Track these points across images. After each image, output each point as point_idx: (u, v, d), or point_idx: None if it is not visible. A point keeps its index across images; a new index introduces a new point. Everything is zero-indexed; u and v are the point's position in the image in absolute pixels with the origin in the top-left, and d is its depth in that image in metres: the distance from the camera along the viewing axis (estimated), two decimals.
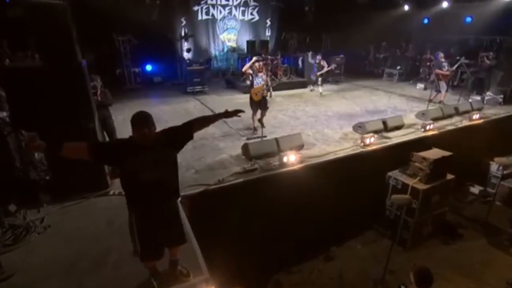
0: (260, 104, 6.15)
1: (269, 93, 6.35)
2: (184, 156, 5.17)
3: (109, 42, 10.23)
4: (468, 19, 11.93)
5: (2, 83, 3.74)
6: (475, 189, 7.17)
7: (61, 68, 3.48)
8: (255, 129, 6.31)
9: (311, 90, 10.43)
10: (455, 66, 9.06)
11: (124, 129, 5.21)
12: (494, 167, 6.83)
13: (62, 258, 2.97)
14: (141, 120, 2.31)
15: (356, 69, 13.57)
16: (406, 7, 12.68)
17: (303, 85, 11.12)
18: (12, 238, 3.24)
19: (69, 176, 3.76)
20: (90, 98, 3.83)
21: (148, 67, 11.34)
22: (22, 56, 7.50)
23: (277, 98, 9.48)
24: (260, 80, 6.04)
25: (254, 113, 6.25)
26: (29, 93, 3.48)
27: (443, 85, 8.66)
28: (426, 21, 13.23)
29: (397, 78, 12.60)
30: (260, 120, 6.28)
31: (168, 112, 7.92)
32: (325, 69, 9.75)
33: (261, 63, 6.23)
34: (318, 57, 9.89)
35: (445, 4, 11.33)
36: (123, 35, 10.30)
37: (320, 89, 9.87)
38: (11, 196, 3.71)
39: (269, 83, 6.37)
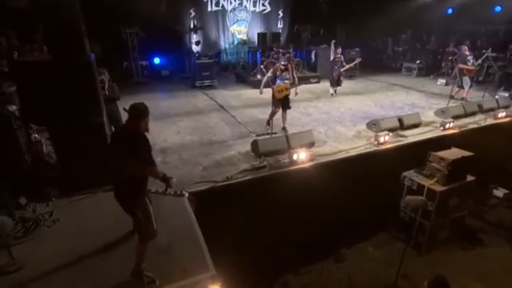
0: (282, 103, 6.01)
1: (294, 90, 6.17)
2: (192, 153, 5.30)
3: (116, 34, 10.45)
4: (498, 8, 11.53)
5: (13, 77, 3.93)
6: (499, 192, 7.03)
7: (70, 62, 3.63)
8: (268, 123, 6.15)
9: (332, 95, 9.19)
10: (481, 60, 8.80)
11: None
12: None
13: (70, 253, 3.13)
14: (147, 110, 2.73)
15: (373, 63, 13.40)
16: None
17: (316, 79, 11.10)
18: (22, 231, 3.43)
19: (77, 171, 3.93)
20: (99, 92, 3.98)
21: (156, 60, 11.53)
22: (30, 49, 7.77)
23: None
24: (284, 79, 5.94)
25: (274, 110, 6.07)
26: (38, 87, 3.65)
27: (466, 80, 8.47)
28: (450, 11, 12.88)
29: (417, 73, 12.40)
30: (283, 127, 6.16)
31: (176, 107, 8.07)
32: (347, 65, 8.90)
33: (285, 63, 6.02)
34: (339, 50, 8.96)
35: None
36: (130, 27, 10.50)
37: (331, 90, 9.18)
38: (21, 189, 3.91)
39: (296, 81, 6.11)
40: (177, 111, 7.69)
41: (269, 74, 6.05)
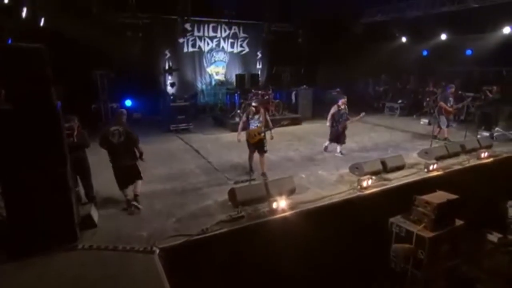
0: (257, 147, 6.37)
1: (270, 134, 6.46)
2: (165, 203, 5.33)
3: (85, 75, 10.74)
4: (469, 52, 13.01)
5: None
6: (493, 237, 7.21)
7: (34, 111, 3.74)
8: (251, 169, 6.38)
9: (342, 153, 8.00)
10: (460, 105, 9.64)
11: (99, 171, 5.42)
12: None
13: None
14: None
15: (354, 104, 14.22)
16: (404, 39, 13.82)
17: (297, 121, 11.68)
18: None
19: (29, 227, 3.82)
20: (63, 142, 4.06)
21: (128, 103, 11.75)
22: None
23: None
24: (256, 123, 6.32)
25: (251, 155, 6.45)
26: None
27: (443, 120, 9.22)
28: (425, 53, 14.35)
29: (399, 113, 13.33)
30: (262, 173, 6.43)
31: (148, 153, 8.02)
32: (354, 118, 7.94)
33: (255, 104, 6.46)
34: (343, 100, 7.89)
35: (443, 37, 12.43)
36: (101, 68, 10.86)
37: (338, 148, 8.09)
38: None
39: (270, 124, 6.48)
40: (149, 158, 7.65)
41: (243, 118, 6.44)
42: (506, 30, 10.70)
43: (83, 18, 9.84)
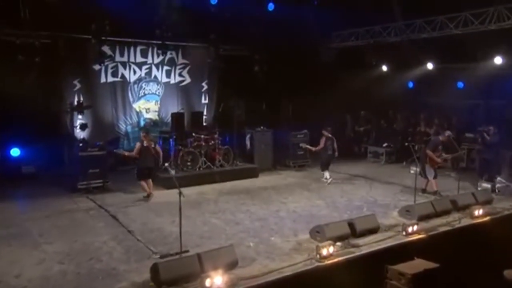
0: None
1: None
2: None
3: None
4: (460, 84, 14.91)
5: None
6: None
7: None
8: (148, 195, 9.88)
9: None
10: (450, 156, 10.89)
11: None
12: None
13: None
14: None
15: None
16: (384, 68, 15.54)
17: (252, 173, 12.41)
18: None
19: None
20: None
21: (15, 152, 11.65)
22: None
23: (211, 195, 10.43)
24: None
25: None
26: None
27: (430, 170, 10.38)
28: (411, 84, 16.15)
29: (385, 159, 14.59)
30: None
31: (43, 223, 8.21)
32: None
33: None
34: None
35: (430, 66, 14.23)
36: None
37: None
38: None
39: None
40: (44, 229, 7.80)
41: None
42: (497, 60, 12.54)
43: None
